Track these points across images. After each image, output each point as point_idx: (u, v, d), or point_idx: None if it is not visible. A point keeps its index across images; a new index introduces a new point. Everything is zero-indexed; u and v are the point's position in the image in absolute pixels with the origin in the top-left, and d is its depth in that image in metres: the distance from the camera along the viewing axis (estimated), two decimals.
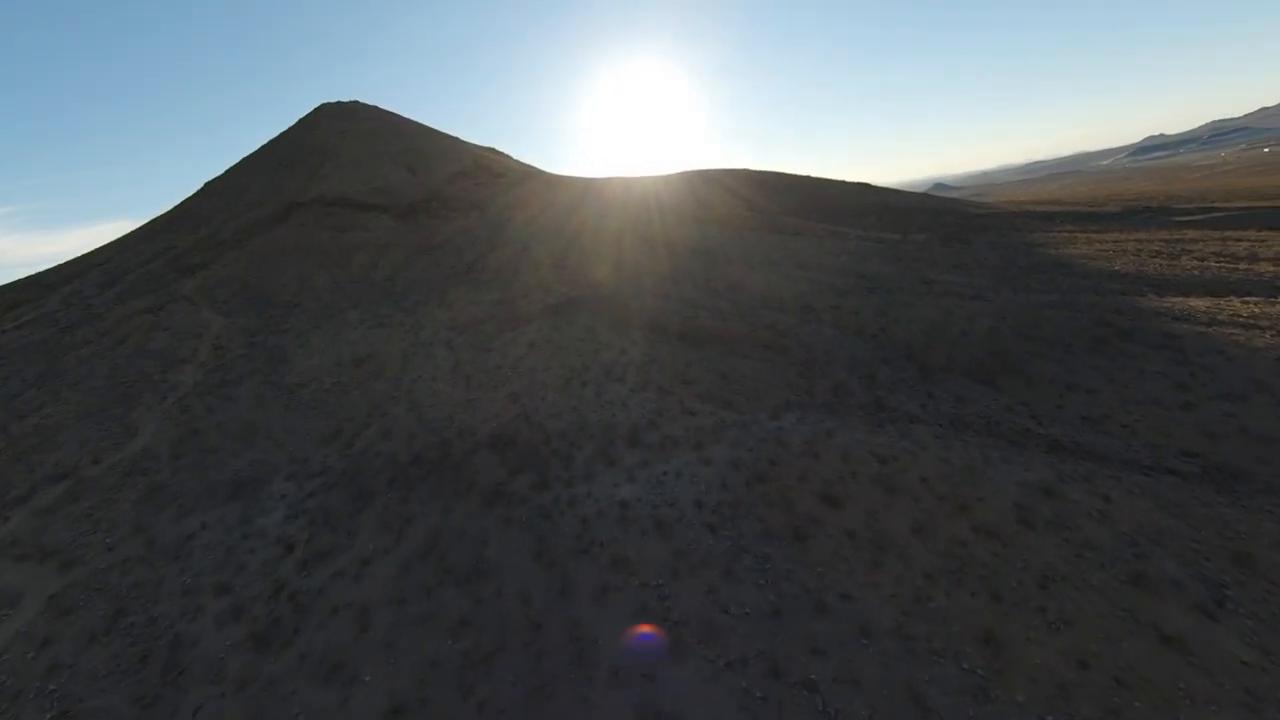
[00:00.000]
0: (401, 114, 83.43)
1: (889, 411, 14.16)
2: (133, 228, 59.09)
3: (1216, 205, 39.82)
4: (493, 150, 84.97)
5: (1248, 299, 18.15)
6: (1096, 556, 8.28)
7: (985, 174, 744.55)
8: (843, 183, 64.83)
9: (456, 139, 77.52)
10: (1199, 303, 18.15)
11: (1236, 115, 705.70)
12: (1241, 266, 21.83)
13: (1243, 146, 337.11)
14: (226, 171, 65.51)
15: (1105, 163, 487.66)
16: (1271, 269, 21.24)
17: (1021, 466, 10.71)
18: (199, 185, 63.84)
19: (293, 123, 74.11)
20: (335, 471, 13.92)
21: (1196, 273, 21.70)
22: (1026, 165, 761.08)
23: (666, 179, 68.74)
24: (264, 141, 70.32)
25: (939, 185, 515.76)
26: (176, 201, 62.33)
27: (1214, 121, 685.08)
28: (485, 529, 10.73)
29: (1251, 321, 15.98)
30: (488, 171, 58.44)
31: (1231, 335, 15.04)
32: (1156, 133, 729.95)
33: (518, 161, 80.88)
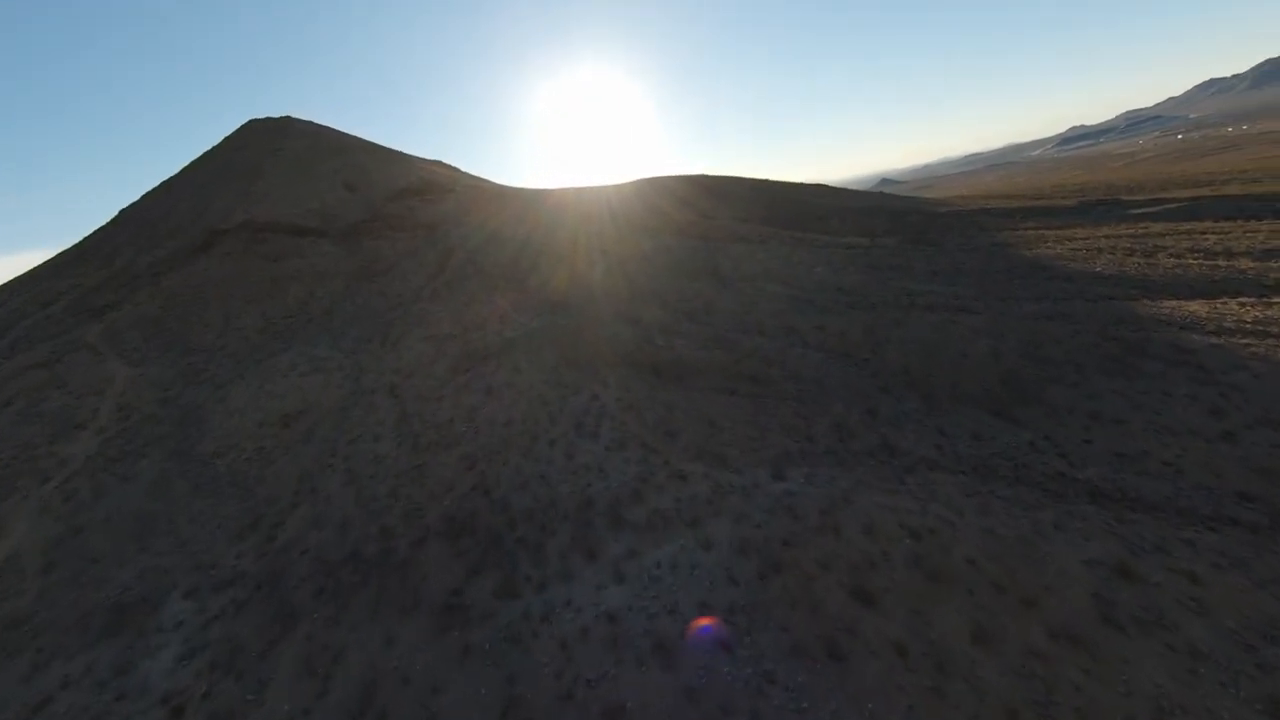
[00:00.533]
0: (340, 129, 78.92)
1: (902, 456, 12.50)
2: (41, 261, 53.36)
3: (1166, 197, 40.57)
4: (440, 164, 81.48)
5: (1242, 300, 17.42)
6: (1214, 672, 6.65)
7: (927, 167, 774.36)
8: (800, 185, 64.37)
9: (401, 153, 73.71)
10: (1196, 307, 17.30)
11: (1148, 105, 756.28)
12: (1221, 264, 21.37)
13: (1156, 134, 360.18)
14: (143, 197, 60.13)
15: (1035, 153, 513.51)
16: (1251, 265, 20.82)
17: (1079, 534, 9.10)
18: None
19: (218, 141, 68.87)
20: (249, 580, 11.26)
21: (1179, 272, 21.10)
22: (964, 158, 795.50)
23: (619, 188, 66.92)
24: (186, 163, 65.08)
25: (885, 180, 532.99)
26: (89, 231, 56.68)
27: (1128, 111, 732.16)
28: (438, 667, 8.40)
29: (1261, 328, 15.09)
30: (436, 187, 55.25)
31: (1248, 347, 14.06)
32: (1078, 124, 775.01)
33: (468, 174, 77.62)
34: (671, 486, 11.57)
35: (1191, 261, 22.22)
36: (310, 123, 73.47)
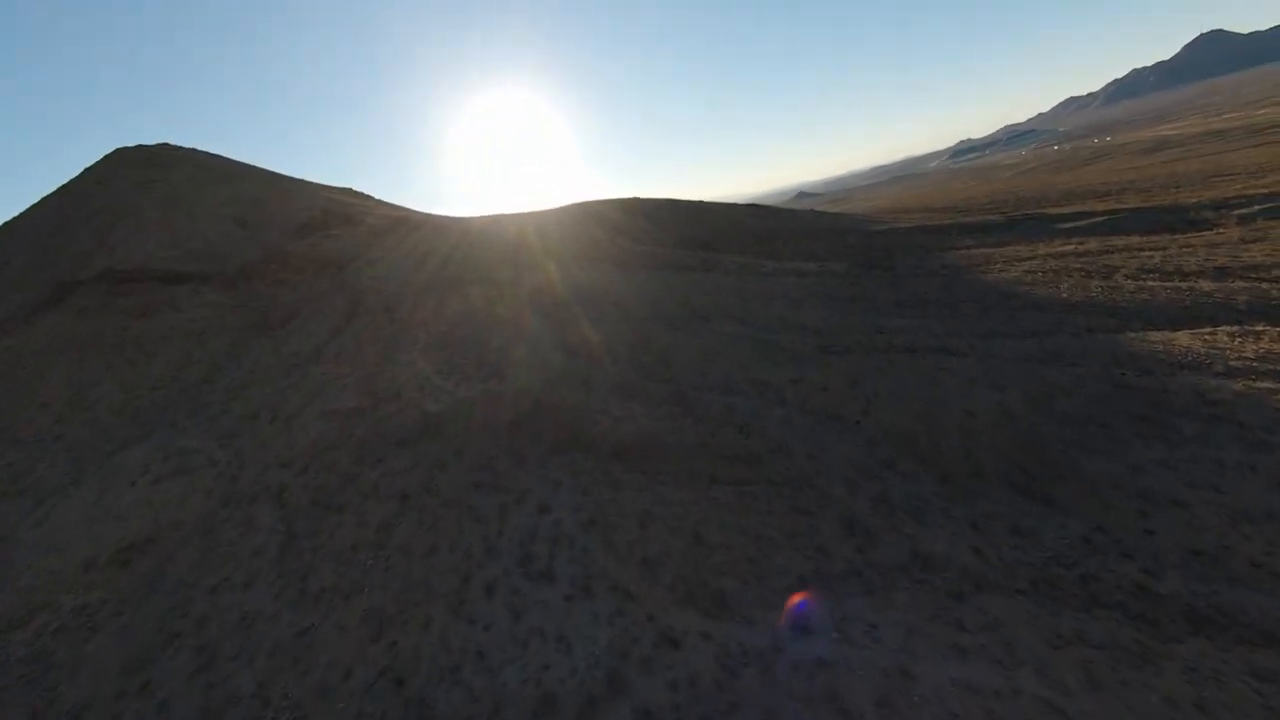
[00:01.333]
0: (229, 157, 70.85)
1: (940, 570, 9.97)
2: None
3: (1084, 210, 41.83)
4: (351, 191, 75.04)
5: (1230, 330, 16.51)
6: None
7: (839, 179, 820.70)
8: (734, 206, 63.51)
9: (304, 181, 66.89)
10: (1187, 340, 16.19)
11: (1023, 120, 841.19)
12: (1182, 285, 20.91)
13: (1034, 146, 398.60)
14: None
15: (933, 165, 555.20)
16: (1212, 286, 20.41)
17: (1227, 708, 6.74)
18: None
19: (76, 175, 59.78)
20: None
21: (1146, 296, 20.39)
22: (870, 170, 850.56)
23: (549, 215, 63.68)
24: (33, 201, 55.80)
25: (802, 193, 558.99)
26: None
27: (1007, 126, 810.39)
28: None
29: (1267, 367, 13.93)
30: (344, 219, 49.71)
31: (1272, 393, 12.73)
32: (966, 137, 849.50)
33: (384, 203, 71.73)
34: (662, 662, 8.38)
35: (1152, 284, 21.71)
36: (192, 150, 65.50)
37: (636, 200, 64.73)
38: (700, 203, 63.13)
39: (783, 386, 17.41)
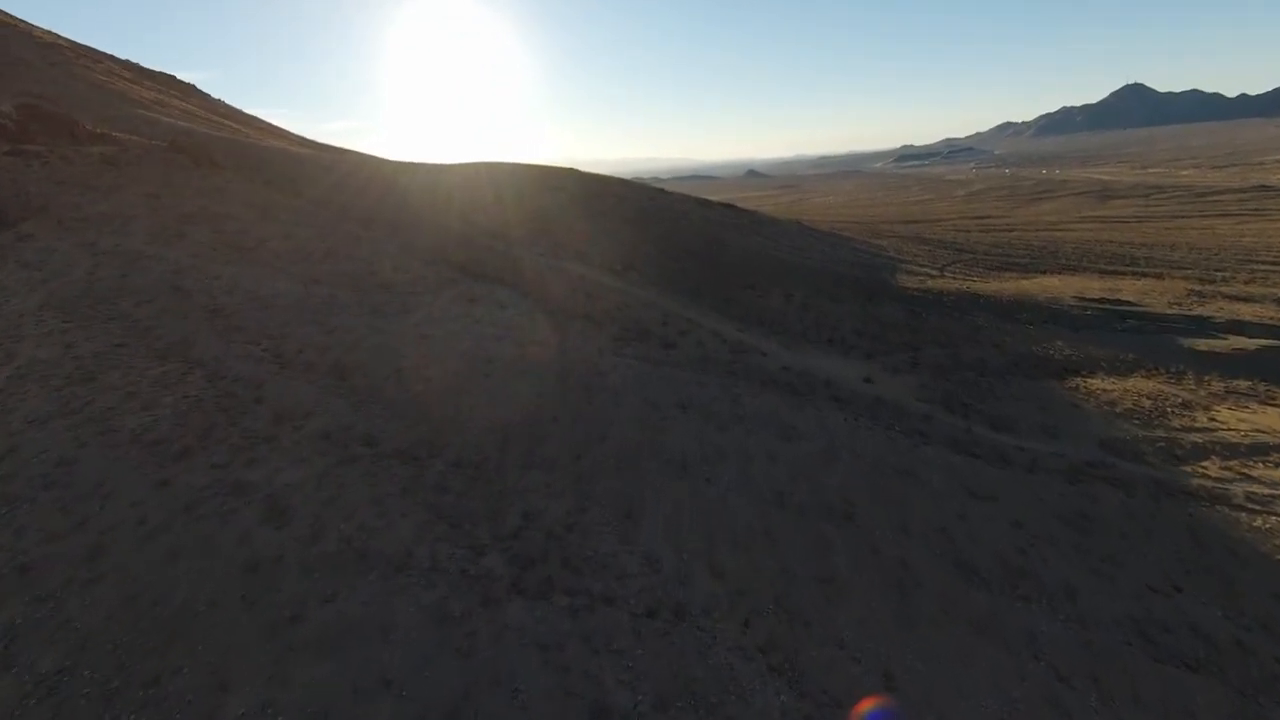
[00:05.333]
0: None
1: None
2: None
3: (1221, 317, 30.67)
4: (139, 72, 52.33)
5: None
6: None
7: (787, 162, 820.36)
8: (708, 207, 48.51)
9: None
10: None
11: (962, 136, 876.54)
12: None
13: (973, 165, 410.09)
14: None
15: (877, 165, 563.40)
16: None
17: None
18: None
19: None
20: None
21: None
22: (817, 159, 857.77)
23: (455, 171, 46.07)
24: None
25: (752, 172, 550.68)
26: None
27: (947, 139, 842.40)
28: None
29: None
30: (64, 125, 30.11)
31: None
32: (908, 143, 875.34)
33: (204, 107, 50.09)
34: None
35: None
36: None
37: (571, 175, 47.48)
38: (658, 191, 47.70)
39: None
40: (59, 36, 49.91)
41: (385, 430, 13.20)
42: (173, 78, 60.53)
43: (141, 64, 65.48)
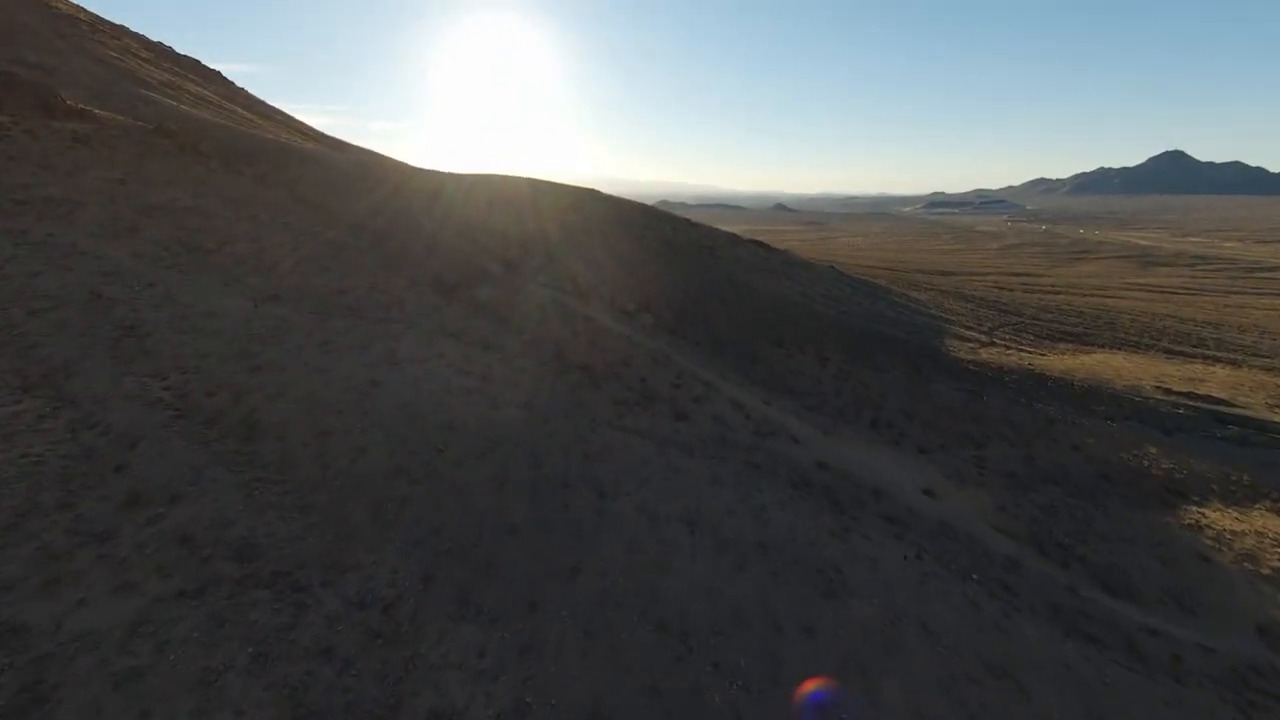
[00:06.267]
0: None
1: None
2: None
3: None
4: (161, 54, 50.72)
5: None
6: None
7: (814, 199, 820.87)
8: (736, 242, 44.95)
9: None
10: None
11: (994, 188, 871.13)
12: None
13: (1005, 217, 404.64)
14: None
15: (906, 210, 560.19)
16: None
17: None
18: None
19: None
20: None
21: None
22: (845, 198, 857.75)
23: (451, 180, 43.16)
24: None
25: (779, 206, 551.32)
26: None
27: (979, 190, 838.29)
28: None
29: None
30: (38, 96, 27.53)
31: None
32: (940, 190, 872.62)
33: (221, 96, 48.06)
34: None
35: None
36: None
37: (581, 195, 44.25)
38: (685, 222, 44.22)
39: None
40: (83, 10, 48.50)
41: (273, 536, 9.39)
42: (198, 63, 59.11)
43: (175, 49, 64.35)
